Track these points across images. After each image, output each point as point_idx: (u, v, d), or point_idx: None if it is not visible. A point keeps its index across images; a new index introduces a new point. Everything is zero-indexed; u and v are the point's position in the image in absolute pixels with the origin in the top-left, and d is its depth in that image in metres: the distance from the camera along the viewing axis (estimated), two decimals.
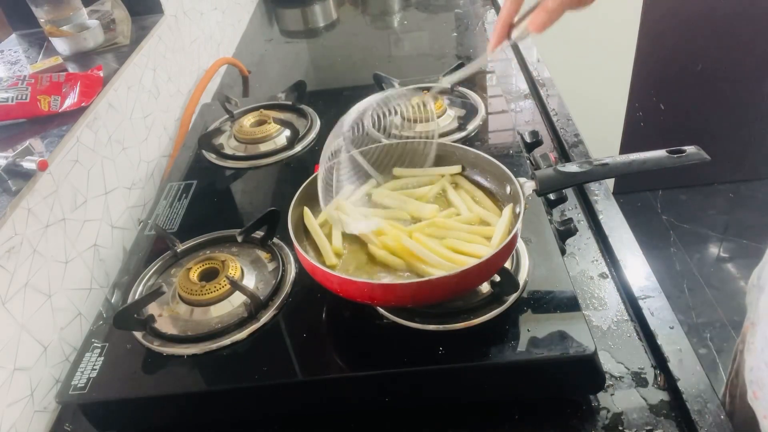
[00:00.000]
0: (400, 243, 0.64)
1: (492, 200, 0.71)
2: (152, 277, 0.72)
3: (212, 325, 0.64)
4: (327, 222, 0.70)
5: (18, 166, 0.68)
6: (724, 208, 2.44)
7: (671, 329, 0.65)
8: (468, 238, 0.65)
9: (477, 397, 0.61)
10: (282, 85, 1.12)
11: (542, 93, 1.14)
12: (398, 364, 0.58)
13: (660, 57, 2.18)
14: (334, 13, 1.74)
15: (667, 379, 0.61)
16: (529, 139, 0.91)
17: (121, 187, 0.91)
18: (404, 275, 0.63)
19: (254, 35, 1.65)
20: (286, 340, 0.62)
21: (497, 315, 0.60)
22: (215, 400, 0.61)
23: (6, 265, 0.63)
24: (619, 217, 0.82)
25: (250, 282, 0.68)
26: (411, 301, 0.60)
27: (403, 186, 0.75)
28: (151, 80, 1.05)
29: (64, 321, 0.72)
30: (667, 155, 0.63)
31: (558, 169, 0.65)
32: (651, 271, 0.73)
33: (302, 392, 0.60)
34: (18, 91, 0.78)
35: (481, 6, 1.64)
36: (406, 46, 1.53)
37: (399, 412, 0.61)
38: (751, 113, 2.33)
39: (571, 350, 0.56)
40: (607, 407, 0.59)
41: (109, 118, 0.89)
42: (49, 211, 0.72)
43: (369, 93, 1.05)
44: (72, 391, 0.59)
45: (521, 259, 0.66)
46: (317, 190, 0.67)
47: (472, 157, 0.73)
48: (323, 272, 0.59)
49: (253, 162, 0.94)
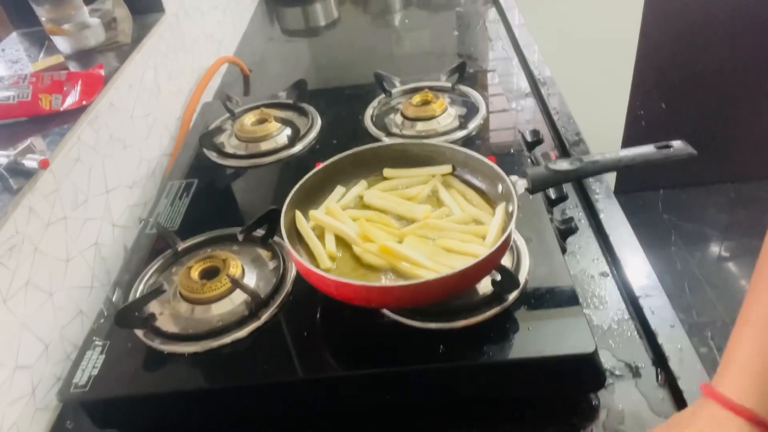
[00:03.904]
0: (384, 246, 0.63)
1: (484, 199, 0.71)
2: (153, 275, 0.72)
3: (213, 323, 0.64)
4: (319, 225, 0.69)
5: (19, 164, 0.68)
6: (725, 207, 2.44)
7: (672, 328, 0.65)
8: (462, 237, 0.65)
9: (477, 395, 0.61)
10: (283, 83, 1.12)
11: (543, 92, 1.14)
12: (399, 363, 0.58)
13: (661, 55, 2.17)
14: (335, 12, 1.74)
15: (667, 377, 0.61)
16: (530, 137, 0.91)
17: (122, 186, 0.91)
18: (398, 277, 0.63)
19: (255, 34, 1.66)
20: (286, 339, 0.63)
21: (498, 313, 0.60)
22: (216, 398, 0.61)
23: (7, 263, 0.63)
24: (620, 216, 0.82)
25: (251, 280, 0.68)
26: (408, 302, 0.60)
27: (394, 187, 0.75)
28: (152, 79, 1.05)
29: (65, 319, 0.72)
30: (655, 150, 0.63)
31: (549, 167, 0.65)
32: (652, 269, 0.73)
33: (303, 390, 0.61)
34: (19, 89, 0.78)
35: (482, 4, 1.64)
36: (407, 44, 1.53)
37: (399, 410, 0.62)
38: (752, 112, 2.32)
39: (571, 349, 0.56)
40: (607, 406, 0.59)
41: (110, 117, 0.89)
42: (51, 210, 0.72)
43: (370, 92, 1.06)
44: (73, 389, 0.59)
45: (522, 257, 0.66)
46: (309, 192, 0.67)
47: (462, 157, 0.73)
48: (318, 276, 0.58)
49: (254, 161, 0.94)
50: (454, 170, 0.74)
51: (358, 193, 0.74)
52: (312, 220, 0.70)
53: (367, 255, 0.65)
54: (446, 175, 0.74)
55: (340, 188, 0.74)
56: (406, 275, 0.62)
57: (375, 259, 0.64)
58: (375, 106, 1.03)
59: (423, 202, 0.72)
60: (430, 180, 0.74)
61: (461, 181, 0.74)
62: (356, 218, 0.69)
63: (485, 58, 1.35)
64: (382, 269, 0.64)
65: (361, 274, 0.64)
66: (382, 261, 0.64)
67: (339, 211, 0.70)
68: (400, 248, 0.63)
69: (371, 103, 1.03)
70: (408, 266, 0.62)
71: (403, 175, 0.75)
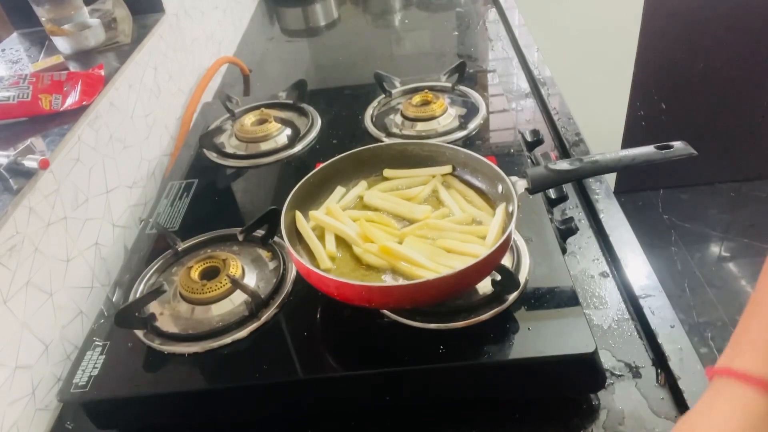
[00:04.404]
0: (384, 246, 0.63)
1: (484, 200, 0.71)
2: (153, 275, 0.72)
3: (213, 323, 0.64)
4: (320, 225, 0.69)
5: (19, 164, 0.68)
6: (726, 207, 2.44)
7: (672, 328, 0.65)
8: (462, 238, 0.65)
9: (477, 395, 0.61)
10: (283, 84, 1.12)
11: (543, 92, 1.14)
12: (399, 363, 0.58)
13: (661, 55, 2.17)
14: (335, 12, 1.74)
15: (667, 377, 0.61)
16: (530, 138, 0.91)
17: (123, 186, 0.91)
18: (398, 277, 0.63)
19: (255, 34, 1.66)
20: (286, 339, 0.62)
21: (498, 314, 0.60)
22: (216, 399, 0.61)
23: (7, 263, 0.63)
24: (620, 216, 0.82)
25: (251, 280, 0.68)
26: (408, 302, 0.60)
27: (394, 187, 0.75)
28: (152, 79, 1.05)
29: (65, 319, 0.72)
30: (655, 150, 0.63)
31: (549, 167, 0.65)
32: (652, 270, 0.73)
33: (303, 391, 0.61)
34: (19, 89, 0.78)
35: (482, 4, 1.64)
36: (407, 44, 1.53)
37: (399, 410, 0.61)
38: (753, 112, 2.32)
39: (571, 349, 0.55)
40: (607, 406, 0.59)
41: (110, 117, 0.89)
42: (51, 210, 0.72)
43: (370, 92, 1.06)
44: (73, 390, 0.59)
45: (522, 257, 0.66)
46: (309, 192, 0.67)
47: (462, 157, 0.73)
48: (318, 276, 0.58)
49: (254, 161, 0.94)
50: (454, 170, 0.74)
51: (358, 194, 0.74)
52: (312, 220, 0.70)
53: (367, 255, 0.65)
54: (446, 176, 0.75)
55: (340, 188, 0.74)
56: (406, 275, 0.62)
57: (375, 259, 0.64)
58: (375, 107, 1.03)
59: (423, 202, 0.72)
60: (430, 180, 0.74)
61: (461, 182, 0.74)
62: (356, 218, 0.69)
63: (485, 58, 1.36)
64: (382, 269, 0.64)
65: (361, 274, 0.64)
66: (382, 261, 0.64)
67: (339, 211, 0.70)
68: (400, 248, 0.63)
69: (371, 104, 1.03)
70: (408, 266, 0.62)
71: (403, 176, 0.75)
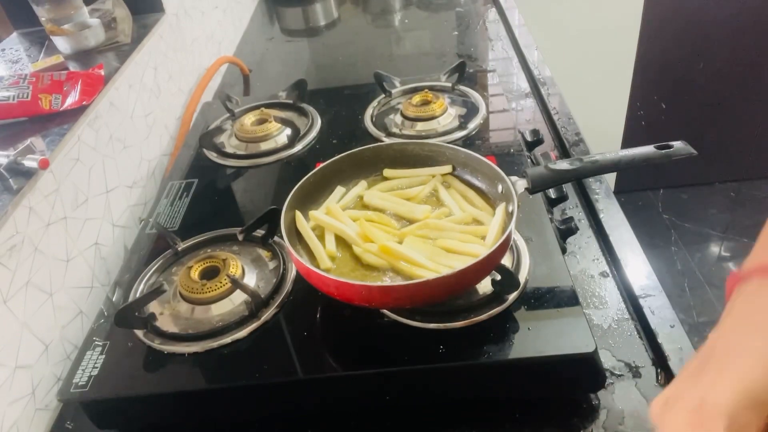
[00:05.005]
0: (384, 246, 0.63)
1: (484, 199, 0.71)
2: (153, 275, 0.72)
3: (213, 323, 0.64)
4: (320, 225, 0.69)
5: (19, 164, 0.68)
6: (726, 207, 2.44)
7: (672, 328, 0.65)
8: (462, 237, 0.65)
9: (477, 395, 0.61)
10: (283, 83, 1.12)
11: (543, 92, 1.14)
12: (399, 363, 0.58)
13: (661, 55, 2.17)
14: (335, 12, 1.74)
15: (667, 377, 0.61)
16: (530, 137, 0.91)
17: (122, 186, 0.91)
18: (398, 277, 0.63)
19: (255, 34, 1.66)
20: (286, 339, 0.63)
21: (498, 313, 0.60)
22: (216, 398, 0.61)
23: (7, 263, 0.63)
24: (620, 216, 0.82)
25: (251, 280, 0.68)
26: (408, 302, 0.60)
27: (394, 187, 0.75)
28: (152, 79, 1.05)
29: (65, 319, 0.72)
30: (655, 150, 0.63)
31: (549, 167, 0.65)
32: (652, 269, 0.73)
33: (303, 390, 0.61)
34: (19, 89, 0.78)
35: (482, 4, 1.64)
36: (407, 44, 1.53)
37: (399, 410, 0.61)
38: (752, 112, 2.32)
39: (571, 349, 0.56)
40: (607, 406, 0.59)
41: (110, 117, 0.89)
42: (51, 210, 0.72)
43: (370, 92, 1.06)
44: (73, 389, 0.59)
45: (522, 257, 0.66)
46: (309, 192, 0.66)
47: (462, 157, 0.73)
48: (318, 276, 0.58)
49: (254, 161, 0.94)
50: (454, 170, 0.74)
51: (358, 193, 0.74)
52: (312, 220, 0.70)
53: (367, 255, 0.65)
54: (446, 175, 0.75)
55: (340, 188, 0.74)
56: (406, 275, 0.62)
57: (375, 259, 0.64)
58: (375, 106, 1.03)
59: (423, 202, 0.72)
60: (430, 180, 0.74)
61: (461, 181, 0.74)
62: (356, 218, 0.69)
63: (485, 58, 1.36)
64: (382, 269, 0.64)
65: (361, 274, 0.64)
66: (382, 261, 0.64)
67: (339, 211, 0.70)
68: (400, 248, 0.63)
69: (371, 103, 1.03)
70: (408, 266, 0.62)
71: (403, 175, 0.75)
